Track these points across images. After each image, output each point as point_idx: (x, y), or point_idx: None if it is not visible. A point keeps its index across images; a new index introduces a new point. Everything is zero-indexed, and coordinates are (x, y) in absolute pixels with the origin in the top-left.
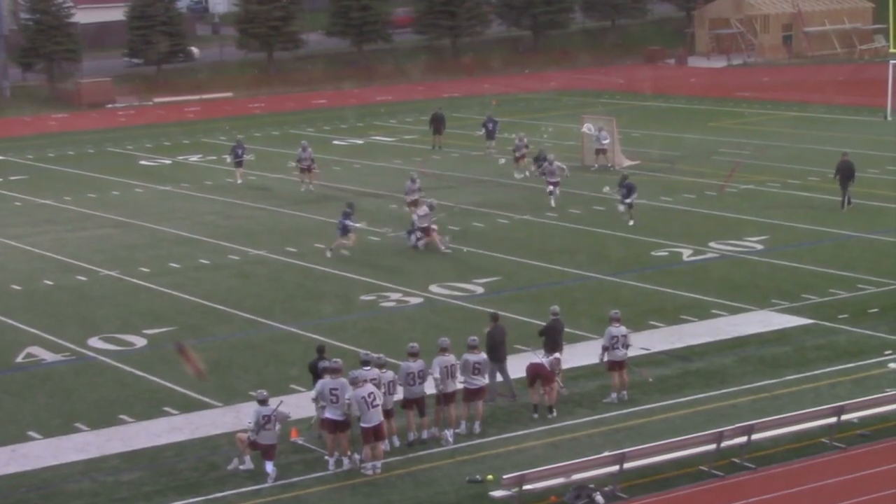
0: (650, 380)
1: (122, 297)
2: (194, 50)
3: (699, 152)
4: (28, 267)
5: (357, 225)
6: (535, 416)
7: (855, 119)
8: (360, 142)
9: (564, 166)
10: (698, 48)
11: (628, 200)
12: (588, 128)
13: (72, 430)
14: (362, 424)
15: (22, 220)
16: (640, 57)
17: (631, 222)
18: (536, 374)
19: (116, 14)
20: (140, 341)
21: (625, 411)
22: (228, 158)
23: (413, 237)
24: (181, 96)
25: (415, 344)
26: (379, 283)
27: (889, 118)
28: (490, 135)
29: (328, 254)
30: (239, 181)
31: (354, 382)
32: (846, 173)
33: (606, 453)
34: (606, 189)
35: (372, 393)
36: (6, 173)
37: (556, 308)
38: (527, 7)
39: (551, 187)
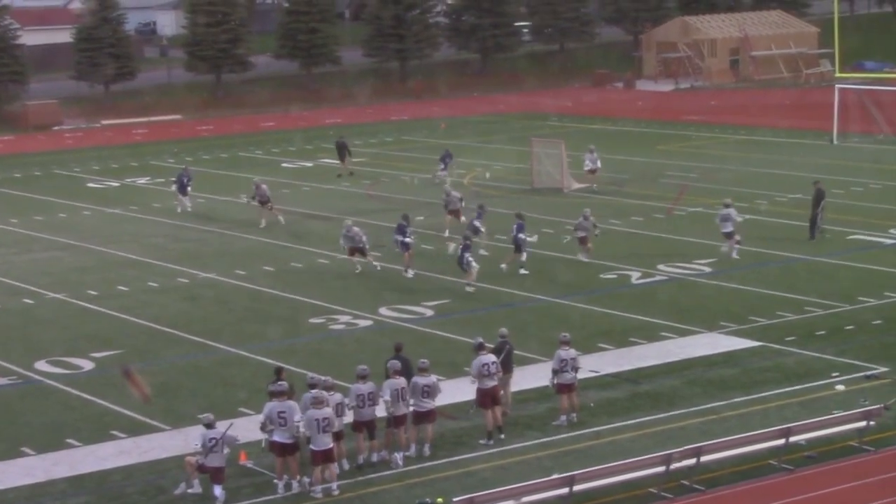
0: (591, 405)
1: (70, 320)
2: None
3: (647, 175)
4: None
5: (531, 239)
6: (491, 441)
7: (801, 143)
8: (309, 164)
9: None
10: (646, 72)
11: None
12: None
13: (17, 455)
14: (312, 447)
15: None
16: (587, 80)
17: (470, 289)
18: (490, 396)
19: (63, 36)
20: (87, 364)
21: (574, 434)
22: (173, 186)
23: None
24: (129, 119)
25: (364, 366)
26: (328, 305)
27: (835, 142)
28: (444, 167)
29: (504, 266)
30: (181, 209)
31: (317, 402)
32: (818, 201)
33: (556, 476)
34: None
35: (328, 418)
36: None
37: (504, 330)
38: (474, 30)
39: (583, 256)
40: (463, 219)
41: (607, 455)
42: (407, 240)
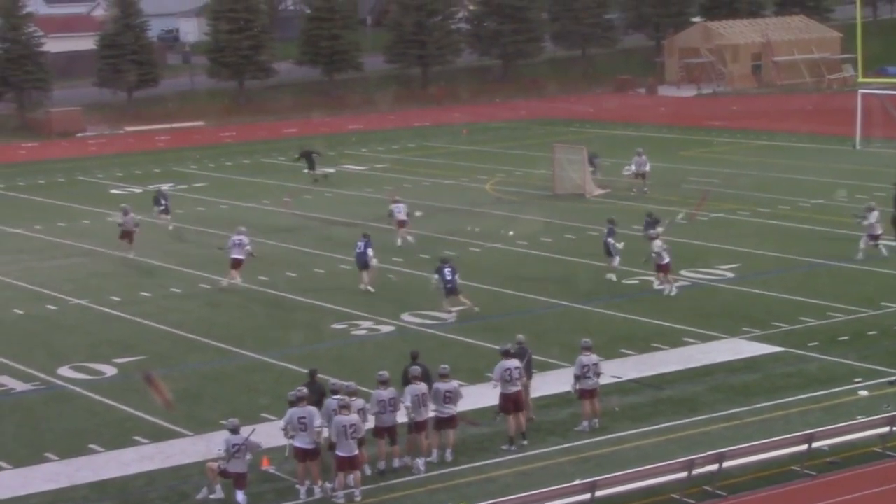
0: (616, 409)
1: (93, 325)
2: None
3: (669, 181)
4: None
5: (619, 245)
6: (513, 447)
7: (824, 148)
8: (331, 170)
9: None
10: (668, 77)
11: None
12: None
13: (41, 460)
14: (338, 453)
15: None
16: (609, 86)
17: (475, 306)
18: (513, 401)
19: (87, 43)
20: (110, 370)
21: (596, 439)
22: (155, 209)
23: None
24: (152, 125)
25: (384, 372)
26: (350, 311)
27: (857, 147)
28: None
29: (611, 277)
30: (171, 227)
31: (344, 407)
32: None
33: (578, 481)
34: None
35: (355, 424)
36: None
37: (521, 337)
38: (496, 37)
39: (669, 286)
40: (404, 236)
41: (629, 461)
42: (373, 261)
